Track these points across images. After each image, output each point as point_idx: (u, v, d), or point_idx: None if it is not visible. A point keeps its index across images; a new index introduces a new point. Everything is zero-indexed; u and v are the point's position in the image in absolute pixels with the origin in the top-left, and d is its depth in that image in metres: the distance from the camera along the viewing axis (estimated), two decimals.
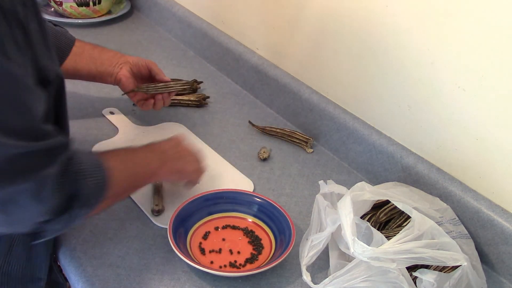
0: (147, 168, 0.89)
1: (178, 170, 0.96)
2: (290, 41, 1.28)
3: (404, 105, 1.06)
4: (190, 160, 0.98)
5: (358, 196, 0.86)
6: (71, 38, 1.13)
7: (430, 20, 0.96)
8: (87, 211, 0.74)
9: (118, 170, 0.80)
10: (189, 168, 0.98)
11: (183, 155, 0.97)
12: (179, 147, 0.98)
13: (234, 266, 0.90)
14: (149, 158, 0.91)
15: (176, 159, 0.95)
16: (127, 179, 0.85)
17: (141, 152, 0.91)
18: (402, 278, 0.77)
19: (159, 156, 0.92)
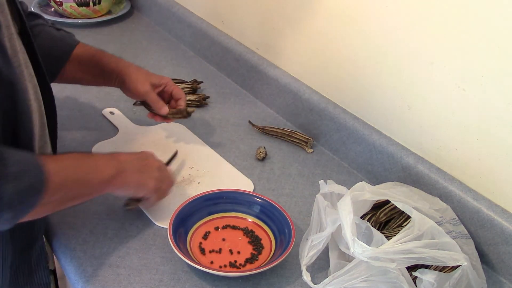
0: (98, 175, 0.82)
1: (137, 183, 0.89)
2: (290, 41, 1.28)
3: (404, 105, 1.06)
4: (154, 176, 0.92)
5: (358, 196, 0.86)
6: (72, 43, 1.07)
7: (430, 20, 0.96)
8: (14, 216, 0.69)
9: (60, 174, 0.75)
10: (150, 184, 0.91)
11: (147, 170, 0.91)
12: (145, 161, 0.92)
13: (234, 266, 0.90)
14: (103, 165, 0.84)
15: (137, 171, 0.89)
16: (72, 185, 0.78)
17: (94, 159, 0.85)
18: (402, 278, 0.77)
19: (116, 165, 0.85)
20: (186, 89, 1.36)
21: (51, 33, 1.05)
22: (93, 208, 1.00)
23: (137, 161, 0.91)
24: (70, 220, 0.97)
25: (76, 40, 1.09)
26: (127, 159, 0.89)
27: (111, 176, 0.84)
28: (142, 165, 0.91)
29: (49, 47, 1.02)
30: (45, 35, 1.03)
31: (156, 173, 0.93)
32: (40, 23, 1.05)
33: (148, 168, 0.92)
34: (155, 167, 0.93)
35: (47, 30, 1.05)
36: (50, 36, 1.05)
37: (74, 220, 0.97)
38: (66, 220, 0.97)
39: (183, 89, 1.35)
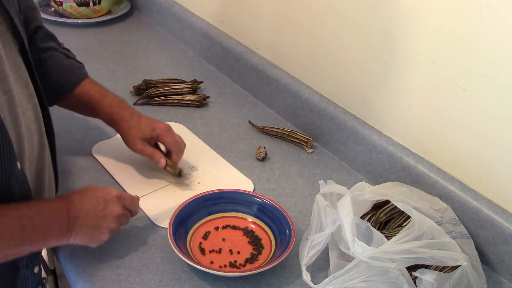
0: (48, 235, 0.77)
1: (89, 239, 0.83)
2: (290, 41, 1.28)
3: (404, 105, 1.06)
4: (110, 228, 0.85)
5: (358, 196, 0.86)
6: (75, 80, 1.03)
7: (430, 20, 0.96)
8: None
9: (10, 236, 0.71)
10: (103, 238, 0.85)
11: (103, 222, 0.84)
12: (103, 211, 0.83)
13: (234, 266, 0.90)
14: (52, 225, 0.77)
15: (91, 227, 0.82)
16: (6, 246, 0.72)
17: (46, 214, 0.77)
18: (402, 278, 0.77)
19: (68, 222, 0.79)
20: (186, 89, 1.36)
21: (61, 61, 1.01)
22: None
23: (93, 213, 0.82)
24: None
25: (82, 75, 1.04)
26: (78, 214, 0.80)
27: (59, 236, 0.79)
28: (99, 217, 0.83)
29: (54, 75, 1.00)
30: (54, 62, 1.00)
31: (113, 225, 0.85)
32: (52, 47, 1.01)
33: (104, 221, 0.84)
34: (113, 216, 0.85)
35: (57, 57, 1.01)
36: (58, 65, 1.00)
37: None
38: None
39: (182, 89, 1.35)
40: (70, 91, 1.02)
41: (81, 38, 1.62)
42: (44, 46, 1.00)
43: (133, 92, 1.36)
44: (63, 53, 1.04)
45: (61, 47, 1.05)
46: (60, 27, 1.65)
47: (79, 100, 1.03)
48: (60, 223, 0.78)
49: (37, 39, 0.99)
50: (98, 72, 1.44)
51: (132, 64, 1.50)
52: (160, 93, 1.34)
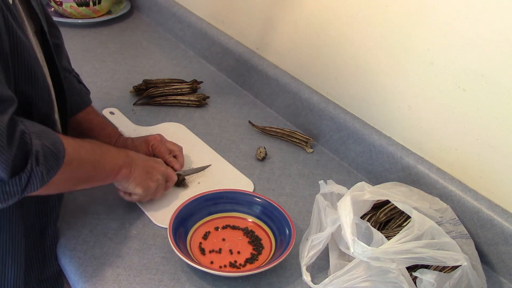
0: (110, 161, 0.87)
1: (140, 180, 0.93)
2: (290, 41, 1.28)
3: (404, 105, 1.06)
4: (156, 179, 0.96)
5: (358, 196, 0.86)
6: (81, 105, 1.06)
7: (430, 20, 0.96)
8: (45, 174, 0.71)
9: (80, 151, 0.79)
10: (151, 185, 0.96)
11: (153, 172, 0.96)
12: (153, 164, 0.97)
13: (234, 266, 0.90)
14: (115, 153, 0.89)
15: (143, 169, 0.93)
16: (87, 165, 0.81)
17: (107, 146, 0.89)
18: (402, 278, 0.77)
19: (125, 157, 0.90)
20: (186, 89, 1.36)
21: (73, 84, 1.05)
22: (93, 208, 1.00)
23: (145, 161, 0.95)
24: (70, 220, 0.97)
25: (88, 101, 1.08)
26: (135, 156, 0.93)
27: (121, 165, 0.89)
28: (149, 166, 0.96)
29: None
30: (67, 83, 1.02)
31: (159, 178, 0.97)
32: (67, 69, 1.05)
33: (153, 171, 0.96)
34: (160, 172, 0.98)
35: (70, 79, 1.04)
36: (71, 87, 1.04)
37: (74, 220, 0.97)
38: (66, 220, 0.97)
39: (182, 89, 1.35)
40: (75, 113, 1.05)
41: (81, 38, 1.62)
42: (63, 66, 1.03)
43: (133, 92, 1.36)
44: (76, 77, 1.07)
45: (73, 71, 1.08)
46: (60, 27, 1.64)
47: (80, 125, 1.05)
48: (121, 155, 0.90)
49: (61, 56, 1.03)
50: (98, 72, 1.44)
51: (132, 64, 1.50)
52: (160, 93, 1.34)
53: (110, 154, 0.88)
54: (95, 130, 1.06)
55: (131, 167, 0.91)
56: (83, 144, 0.82)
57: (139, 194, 0.95)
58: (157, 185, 0.97)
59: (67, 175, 0.77)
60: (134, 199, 0.97)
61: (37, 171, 0.70)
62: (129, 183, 0.92)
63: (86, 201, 1.00)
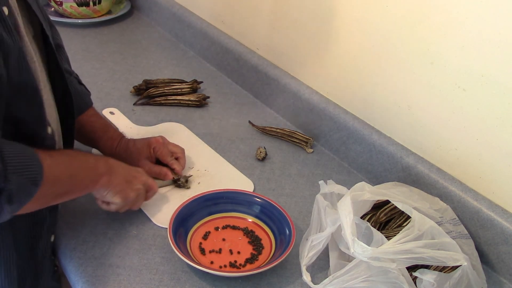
0: (89, 173, 0.85)
1: (120, 189, 0.90)
2: (290, 41, 1.28)
3: (404, 105, 1.06)
4: (137, 189, 0.93)
5: (358, 196, 0.86)
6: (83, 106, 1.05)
7: (430, 20, 0.96)
8: (15, 207, 0.70)
9: (55, 169, 0.76)
10: (131, 194, 0.92)
11: (133, 181, 0.93)
12: (133, 173, 0.94)
13: (234, 266, 0.90)
14: (94, 163, 0.86)
15: (124, 178, 0.91)
16: (65, 180, 0.79)
17: (85, 157, 0.86)
18: (402, 278, 0.77)
19: (105, 165, 0.88)
20: (186, 89, 1.36)
21: (74, 86, 1.03)
22: (93, 208, 0.99)
23: (126, 170, 0.93)
24: (70, 220, 0.97)
25: (90, 103, 1.07)
26: (116, 164, 0.90)
27: (100, 174, 0.86)
28: (130, 175, 0.93)
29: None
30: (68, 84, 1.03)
31: (140, 187, 0.94)
32: (68, 70, 1.04)
33: (134, 180, 0.93)
34: (141, 181, 0.94)
35: (71, 81, 1.03)
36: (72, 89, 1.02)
37: (74, 220, 0.97)
38: (66, 220, 0.97)
39: (182, 89, 1.35)
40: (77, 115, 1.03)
41: (81, 38, 1.62)
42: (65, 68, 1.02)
43: (133, 92, 1.36)
44: (76, 79, 1.06)
45: (74, 73, 1.07)
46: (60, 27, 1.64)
47: (83, 128, 1.05)
48: (101, 164, 0.87)
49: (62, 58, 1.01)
50: (98, 72, 1.44)
51: (132, 64, 1.50)
52: (160, 93, 1.34)
53: (89, 164, 0.85)
54: (97, 133, 1.06)
55: (111, 176, 0.88)
56: (60, 159, 0.79)
57: (117, 203, 0.91)
58: (137, 194, 0.93)
59: (44, 193, 0.74)
60: (112, 208, 0.93)
61: (7, 208, 0.69)
62: (108, 191, 0.89)
63: (86, 201, 1.00)
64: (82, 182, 0.84)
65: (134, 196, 0.93)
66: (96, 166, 0.86)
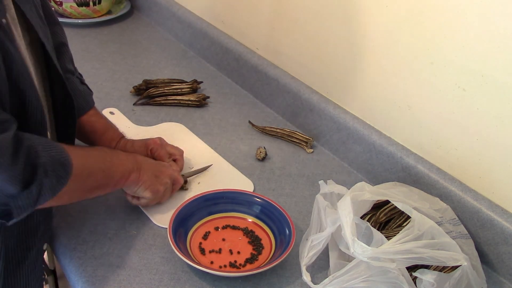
0: (120, 168, 0.88)
1: (150, 184, 0.94)
2: (290, 41, 1.28)
3: (404, 105, 1.06)
4: (165, 183, 0.97)
5: (358, 196, 0.86)
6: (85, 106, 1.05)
7: (430, 20, 0.96)
8: (55, 183, 0.72)
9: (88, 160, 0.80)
10: (160, 189, 0.96)
11: (161, 175, 0.97)
12: (161, 168, 0.98)
13: (234, 266, 0.90)
14: (124, 159, 0.90)
15: (152, 173, 0.94)
16: (96, 173, 0.82)
17: (116, 152, 0.90)
18: (402, 278, 0.77)
19: (133, 162, 0.91)
20: (186, 89, 1.36)
21: (76, 86, 1.04)
22: (93, 208, 1.00)
23: (154, 165, 0.97)
24: (70, 220, 0.97)
25: (92, 103, 1.07)
26: (144, 160, 0.95)
27: (130, 170, 0.90)
28: (157, 170, 0.97)
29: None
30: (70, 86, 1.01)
31: (167, 181, 0.98)
32: (71, 70, 1.04)
33: (161, 174, 0.97)
34: (168, 175, 0.99)
35: (73, 81, 1.03)
36: (74, 89, 1.03)
37: (74, 220, 0.97)
38: (66, 220, 0.97)
39: (182, 89, 1.35)
40: (79, 116, 1.04)
41: (81, 38, 1.62)
42: (67, 67, 1.03)
43: (133, 92, 1.36)
44: (79, 78, 1.06)
45: (77, 72, 1.07)
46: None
47: (83, 128, 1.05)
48: (130, 161, 0.91)
49: (65, 57, 1.02)
50: (98, 72, 1.44)
51: (132, 64, 1.50)
52: (160, 93, 1.34)
53: (119, 160, 0.89)
54: (97, 133, 1.06)
55: (140, 172, 0.92)
56: (91, 153, 0.84)
57: (148, 197, 0.96)
58: (165, 188, 0.98)
59: (78, 185, 0.78)
60: (142, 203, 0.97)
61: (47, 182, 0.71)
62: (138, 187, 0.93)
63: (86, 201, 1.00)
64: (114, 177, 0.87)
65: (163, 190, 0.97)
66: (126, 162, 0.90)
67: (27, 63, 0.79)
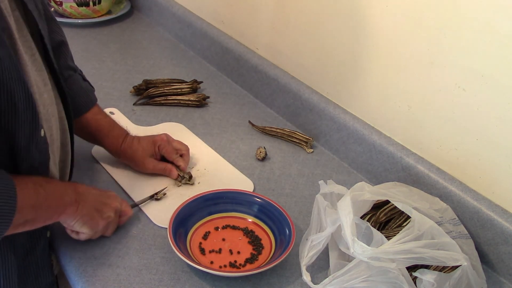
0: (56, 202, 0.81)
1: (89, 219, 0.87)
2: (290, 41, 1.28)
3: (404, 105, 1.06)
4: (107, 217, 0.90)
5: (358, 196, 0.86)
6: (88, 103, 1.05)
7: (430, 20, 0.96)
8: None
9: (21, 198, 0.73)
10: (100, 224, 0.89)
11: (104, 209, 0.90)
12: (105, 200, 0.91)
13: (234, 266, 0.90)
14: (61, 192, 0.83)
15: (93, 207, 0.87)
16: (30, 210, 0.75)
17: (53, 185, 0.82)
18: (402, 278, 0.77)
19: (73, 194, 0.84)
20: (186, 89, 1.36)
21: (79, 83, 1.04)
22: None
23: (96, 197, 0.89)
24: None
25: (95, 100, 1.07)
26: (85, 191, 0.87)
27: (66, 204, 0.83)
28: (100, 202, 0.90)
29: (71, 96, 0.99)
30: (72, 83, 1.02)
31: (110, 215, 0.91)
32: (72, 67, 1.04)
33: (104, 207, 0.90)
34: (112, 209, 0.91)
35: (75, 78, 1.03)
36: (76, 86, 1.03)
37: None
38: None
39: (182, 89, 1.35)
40: (82, 113, 1.04)
41: (81, 38, 1.62)
42: (69, 65, 1.03)
43: (133, 92, 1.36)
44: (80, 75, 1.06)
45: (78, 71, 1.07)
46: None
47: (89, 126, 1.05)
48: (68, 193, 0.84)
49: (66, 55, 1.02)
50: (98, 72, 1.44)
51: (132, 64, 1.50)
52: (160, 93, 1.34)
53: (56, 194, 0.81)
54: (103, 131, 1.06)
55: (78, 205, 0.84)
56: (24, 188, 0.75)
57: (86, 233, 0.89)
58: (107, 222, 0.91)
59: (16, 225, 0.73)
60: (82, 237, 0.90)
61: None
62: (75, 221, 0.86)
63: None
64: (46, 212, 0.80)
65: (104, 224, 0.90)
66: (63, 195, 0.82)
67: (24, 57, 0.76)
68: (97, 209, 0.88)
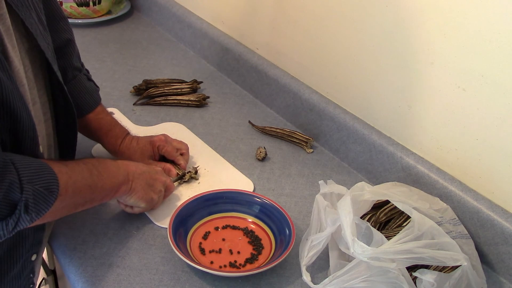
0: (109, 182, 0.85)
1: (143, 194, 0.92)
2: (290, 41, 1.28)
3: (404, 105, 1.06)
4: (158, 191, 0.96)
5: (358, 196, 0.86)
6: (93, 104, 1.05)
7: (430, 20, 0.96)
8: (34, 216, 0.70)
9: (75, 177, 0.76)
10: (154, 197, 0.95)
11: (154, 184, 0.95)
12: (154, 175, 0.96)
13: (234, 266, 0.90)
14: (115, 171, 0.87)
15: (145, 183, 0.93)
16: (84, 190, 0.79)
17: (108, 164, 0.86)
18: (402, 278, 0.77)
19: (124, 173, 0.88)
20: (186, 89, 1.36)
21: (83, 83, 1.04)
22: (93, 208, 0.99)
23: (147, 174, 0.94)
24: (70, 220, 0.97)
25: (99, 99, 1.07)
26: (136, 168, 0.92)
27: (120, 183, 0.87)
28: (151, 178, 0.95)
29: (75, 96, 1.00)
30: (77, 83, 1.03)
31: (161, 189, 0.97)
32: (78, 68, 1.04)
33: (155, 182, 0.96)
34: (162, 183, 0.97)
35: (80, 78, 1.03)
36: (81, 86, 1.03)
37: (74, 220, 0.97)
38: (66, 220, 0.96)
39: (182, 89, 1.35)
40: (86, 113, 1.04)
41: (81, 38, 1.62)
42: (74, 65, 1.03)
43: (133, 92, 1.36)
44: (85, 75, 1.06)
45: (84, 68, 1.07)
46: None
47: (90, 125, 1.05)
48: (121, 172, 0.88)
49: (72, 54, 1.02)
50: (98, 72, 1.44)
51: (132, 64, 1.50)
52: (160, 93, 1.34)
53: (108, 173, 0.85)
54: (103, 130, 1.06)
55: (131, 182, 0.89)
56: (78, 169, 0.79)
57: (142, 207, 0.95)
58: (159, 196, 0.97)
59: (63, 204, 0.75)
60: (136, 211, 0.96)
61: (25, 217, 0.69)
62: (130, 197, 0.92)
63: None
64: (102, 191, 0.84)
65: (157, 198, 0.96)
66: (116, 174, 0.87)
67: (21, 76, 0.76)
68: (150, 184, 0.94)
